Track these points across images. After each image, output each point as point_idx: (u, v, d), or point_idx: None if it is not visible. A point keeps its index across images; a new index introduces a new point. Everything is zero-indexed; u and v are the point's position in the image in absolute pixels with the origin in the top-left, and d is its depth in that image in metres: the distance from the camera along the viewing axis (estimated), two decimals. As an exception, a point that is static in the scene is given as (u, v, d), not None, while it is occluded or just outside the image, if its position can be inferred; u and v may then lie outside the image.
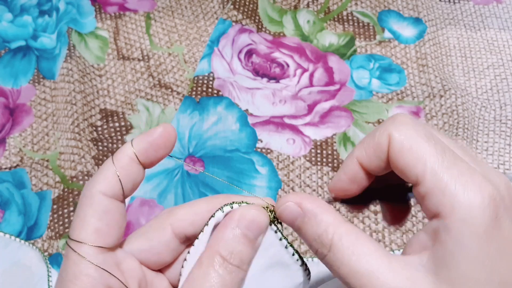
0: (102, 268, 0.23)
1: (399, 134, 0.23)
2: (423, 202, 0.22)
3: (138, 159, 0.25)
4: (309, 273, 0.27)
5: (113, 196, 0.25)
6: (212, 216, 0.25)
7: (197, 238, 0.25)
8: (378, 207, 0.47)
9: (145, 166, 0.26)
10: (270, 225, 0.25)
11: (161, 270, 0.28)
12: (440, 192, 0.21)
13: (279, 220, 0.25)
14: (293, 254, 0.26)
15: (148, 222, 0.28)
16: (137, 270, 0.26)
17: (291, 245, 0.26)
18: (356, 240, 0.22)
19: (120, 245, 0.26)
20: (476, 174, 0.21)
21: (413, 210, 0.47)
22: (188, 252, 0.26)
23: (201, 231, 0.25)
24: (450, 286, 0.20)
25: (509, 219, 0.21)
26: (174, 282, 0.28)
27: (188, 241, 0.27)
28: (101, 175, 0.25)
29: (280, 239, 0.25)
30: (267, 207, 0.25)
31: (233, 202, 0.25)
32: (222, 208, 0.25)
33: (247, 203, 0.25)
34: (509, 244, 0.21)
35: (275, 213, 0.25)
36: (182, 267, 0.26)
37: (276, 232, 0.25)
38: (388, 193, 0.27)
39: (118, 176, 0.24)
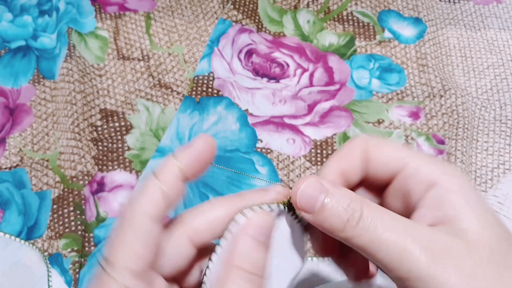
0: None
1: (373, 139, 0.26)
2: (410, 181, 0.24)
3: (182, 175, 0.24)
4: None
5: (156, 218, 0.23)
6: (226, 230, 0.24)
7: (219, 246, 0.25)
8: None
9: (188, 180, 0.25)
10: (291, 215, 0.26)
11: (177, 280, 0.27)
12: (428, 165, 0.24)
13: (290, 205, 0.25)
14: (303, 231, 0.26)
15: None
16: (163, 286, 0.25)
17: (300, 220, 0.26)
18: (384, 209, 0.23)
19: None
20: (440, 159, 0.24)
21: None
22: (210, 259, 0.25)
23: (219, 245, 0.25)
24: (474, 234, 0.21)
25: None
26: None
27: (205, 247, 0.26)
28: (145, 196, 0.23)
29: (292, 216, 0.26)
30: (288, 201, 0.25)
31: (243, 209, 0.24)
32: (235, 219, 0.24)
33: (259, 206, 0.25)
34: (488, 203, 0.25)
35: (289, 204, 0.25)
36: (204, 276, 0.25)
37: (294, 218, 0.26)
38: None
39: (168, 197, 0.23)
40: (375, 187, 0.27)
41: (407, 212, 0.24)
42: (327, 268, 0.43)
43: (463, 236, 0.21)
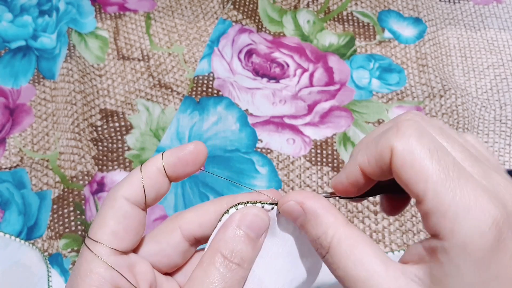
0: (112, 268, 0.24)
1: (402, 147, 0.22)
2: (424, 219, 0.22)
3: (165, 171, 0.26)
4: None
5: (135, 202, 0.25)
6: (219, 221, 0.25)
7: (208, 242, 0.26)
8: (378, 207, 0.47)
9: (171, 179, 0.26)
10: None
11: (171, 273, 0.28)
12: (440, 214, 0.20)
13: None
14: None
15: (157, 226, 0.28)
16: (149, 274, 0.26)
17: None
18: (355, 244, 0.22)
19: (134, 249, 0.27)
20: (481, 195, 0.20)
21: (413, 210, 0.47)
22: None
23: (211, 235, 0.26)
24: None
25: None
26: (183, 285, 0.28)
27: (198, 243, 0.28)
28: (127, 181, 0.25)
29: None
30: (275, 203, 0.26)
31: (238, 204, 0.25)
32: (227, 211, 0.25)
33: (253, 203, 0.25)
34: (510, 269, 0.20)
35: None
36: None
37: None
38: (388, 184, 0.27)
39: (143, 184, 0.25)
40: None
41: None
42: (326, 268, 0.43)
43: None
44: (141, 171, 0.25)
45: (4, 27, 0.56)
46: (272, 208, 0.26)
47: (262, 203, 0.25)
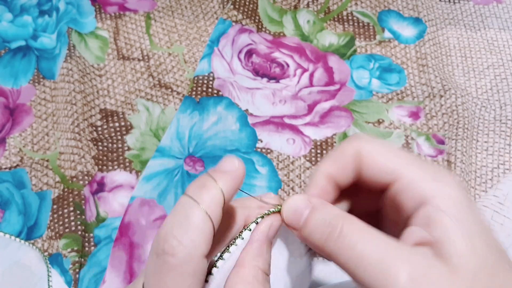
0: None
1: (367, 143, 0.25)
2: (401, 197, 0.23)
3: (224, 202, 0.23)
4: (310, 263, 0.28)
5: (206, 252, 0.22)
6: (245, 229, 0.25)
7: (228, 252, 0.25)
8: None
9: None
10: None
11: None
12: (420, 180, 0.23)
13: None
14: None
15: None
16: None
17: None
18: (367, 227, 0.23)
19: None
20: (439, 167, 0.24)
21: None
22: (215, 266, 0.25)
23: (232, 243, 0.25)
24: (458, 259, 0.21)
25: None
26: None
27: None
28: (195, 230, 0.21)
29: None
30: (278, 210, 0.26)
31: (264, 214, 0.25)
32: (256, 220, 0.25)
33: (265, 214, 0.26)
34: (484, 221, 0.23)
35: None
36: (206, 281, 0.25)
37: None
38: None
39: (213, 229, 0.22)
40: (372, 191, 0.27)
41: (401, 224, 0.24)
42: (326, 268, 0.43)
43: (447, 260, 0.21)
44: (205, 211, 0.22)
45: (4, 27, 0.56)
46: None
47: (269, 212, 0.26)
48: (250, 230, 0.25)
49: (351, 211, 0.28)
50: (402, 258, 0.21)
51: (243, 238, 0.25)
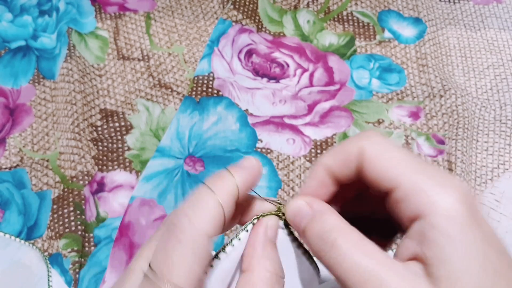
0: None
1: (371, 143, 0.23)
2: (400, 206, 0.22)
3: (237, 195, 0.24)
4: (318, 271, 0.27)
5: (213, 237, 0.23)
6: (243, 230, 0.25)
7: (224, 252, 0.25)
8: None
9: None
10: (283, 229, 0.26)
11: None
12: (419, 192, 0.22)
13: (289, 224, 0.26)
14: (304, 253, 0.26)
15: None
16: None
17: (302, 245, 0.26)
18: (360, 240, 0.22)
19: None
20: (447, 174, 0.22)
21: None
22: (211, 266, 0.25)
23: (229, 243, 0.25)
24: (448, 282, 0.20)
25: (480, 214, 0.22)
26: None
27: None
28: (206, 212, 0.22)
29: (293, 241, 0.26)
30: (280, 211, 0.26)
31: (260, 215, 0.25)
32: (252, 221, 0.25)
33: (263, 214, 0.25)
34: (491, 235, 0.21)
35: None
36: (210, 266, 0.25)
37: (288, 235, 0.26)
38: (373, 226, 0.28)
39: (224, 216, 0.23)
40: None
41: (400, 228, 0.24)
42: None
43: (437, 282, 0.20)
44: (217, 196, 0.23)
45: (4, 27, 0.56)
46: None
47: (264, 214, 0.25)
48: (247, 231, 0.25)
49: (359, 205, 0.27)
50: (393, 274, 0.21)
51: (240, 239, 0.25)
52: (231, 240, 0.25)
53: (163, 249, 0.22)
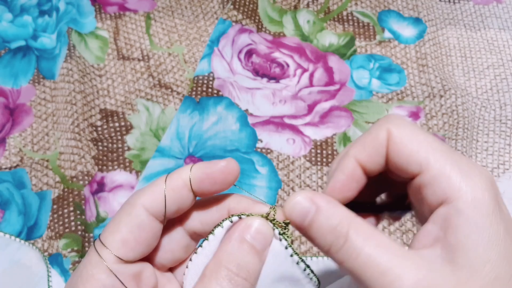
0: (115, 276, 0.23)
1: (398, 127, 0.23)
2: (426, 191, 0.22)
3: (191, 185, 0.24)
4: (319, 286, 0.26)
5: (153, 213, 0.24)
6: (219, 225, 0.24)
7: (200, 246, 0.25)
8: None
9: (196, 194, 0.25)
10: (281, 240, 0.24)
11: (172, 269, 0.28)
12: (446, 176, 0.21)
13: (285, 232, 0.24)
14: (305, 270, 0.25)
15: None
16: (152, 279, 0.25)
17: (302, 260, 0.25)
18: (372, 232, 0.22)
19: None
20: (472, 162, 0.22)
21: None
22: (190, 260, 0.25)
23: (205, 238, 0.25)
24: (469, 269, 0.20)
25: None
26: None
27: (199, 237, 0.27)
28: (149, 190, 0.24)
29: (291, 255, 0.24)
30: (271, 214, 0.25)
31: (241, 214, 0.24)
32: (230, 217, 0.24)
33: (248, 214, 0.24)
34: (511, 224, 0.21)
35: (285, 224, 0.24)
36: (184, 274, 0.26)
37: (286, 248, 0.24)
38: (382, 208, 0.27)
39: (165, 195, 0.24)
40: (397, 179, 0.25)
41: (423, 216, 0.23)
42: (325, 269, 0.43)
43: (458, 269, 0.20)
44: (165, 182, 0.24)
45: (4, 27, 0.56)
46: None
47: (249, 214, 0.24)
48: (222, 227, 0.24)
49: (366, 192, 0.26)
50: (409, 264, 0.21)
51: (214, 234, 0.24)
52: (208, 234, 0.25)
53: (111, 221, 0.24)
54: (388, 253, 0.21)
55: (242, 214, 0.24)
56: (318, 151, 0.50)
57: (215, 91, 0.53)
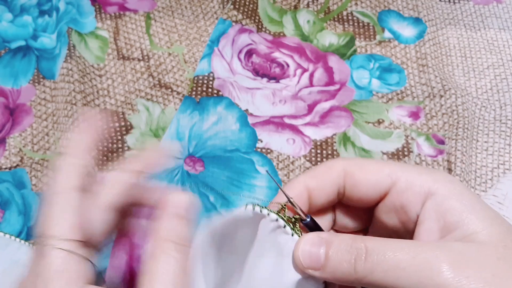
0: (87, 259, 0.25)
1: (353, 160, 0.26)
2: (404, 197, 0.24)
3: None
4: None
5: (78, 188, 0.26)
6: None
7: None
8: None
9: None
10: (292, 235, 0.24)
11: None
12: (419, 177, 0.24)
13: (294, 221, 0.25)
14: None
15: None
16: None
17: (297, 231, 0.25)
18: (384, 238, 0.22)
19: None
20: (422, 167, 0.25)
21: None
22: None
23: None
24: (484, 239, 0.21)
25: None
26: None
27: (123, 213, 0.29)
28: (63, 171, 0.27)
29: (292, 235, 0.24)
30: (283, 208, 0.25)
31: (261, 206, 0.25)
32: (253, 207, 0.25)
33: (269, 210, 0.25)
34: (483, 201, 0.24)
35: (294, 219, 0.25)
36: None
37: (287, 233, 0.24)
38: None
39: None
40: (359, 208, 0.27)
41: (406, 226, 0.24)
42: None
43: (474, 239, 0.21)
44: (69, 157, 0.27)
45: (4, 27, 0.56)
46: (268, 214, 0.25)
47: (269, 210, 0.25)
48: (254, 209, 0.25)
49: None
50: (435, 251, 0.21)
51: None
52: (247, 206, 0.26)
53: (42, 215, 0.26)
54: (412, 249, 0.21)
55: (264, 208, 0.25)
56: (318, 151, 0.50)
57: (215, 91, 0.53)
